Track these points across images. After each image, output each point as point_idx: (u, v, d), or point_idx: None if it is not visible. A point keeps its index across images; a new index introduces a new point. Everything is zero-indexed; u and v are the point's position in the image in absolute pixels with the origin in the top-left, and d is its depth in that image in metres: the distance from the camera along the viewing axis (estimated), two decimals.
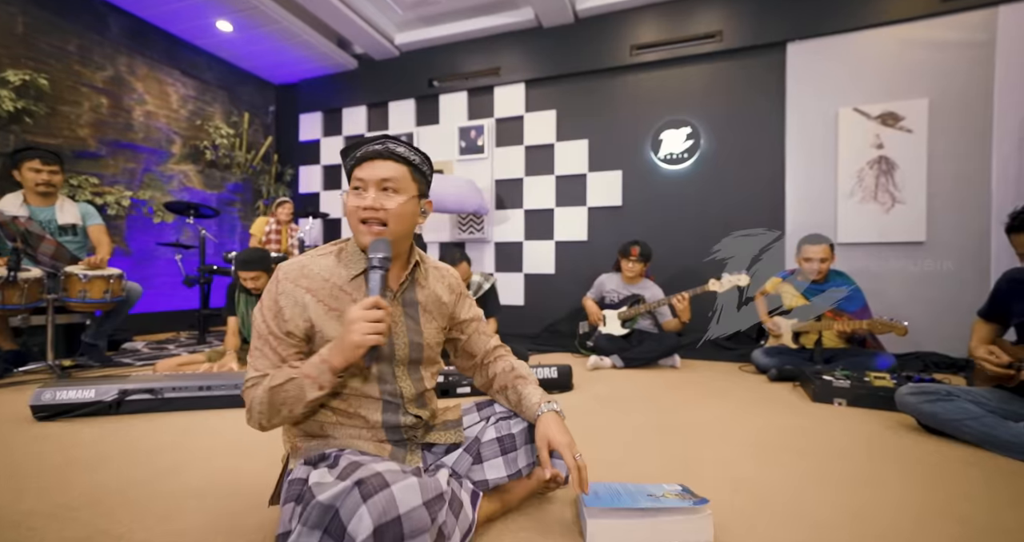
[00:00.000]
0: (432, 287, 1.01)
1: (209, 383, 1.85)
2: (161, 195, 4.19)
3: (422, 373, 0.98)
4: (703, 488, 1.08)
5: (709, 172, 3.67)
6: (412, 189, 0.92)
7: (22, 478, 1.22)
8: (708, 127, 3.68)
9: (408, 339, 0.95)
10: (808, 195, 3.40)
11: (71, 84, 3.49)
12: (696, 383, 2.40)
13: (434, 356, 1.01)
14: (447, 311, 1.03)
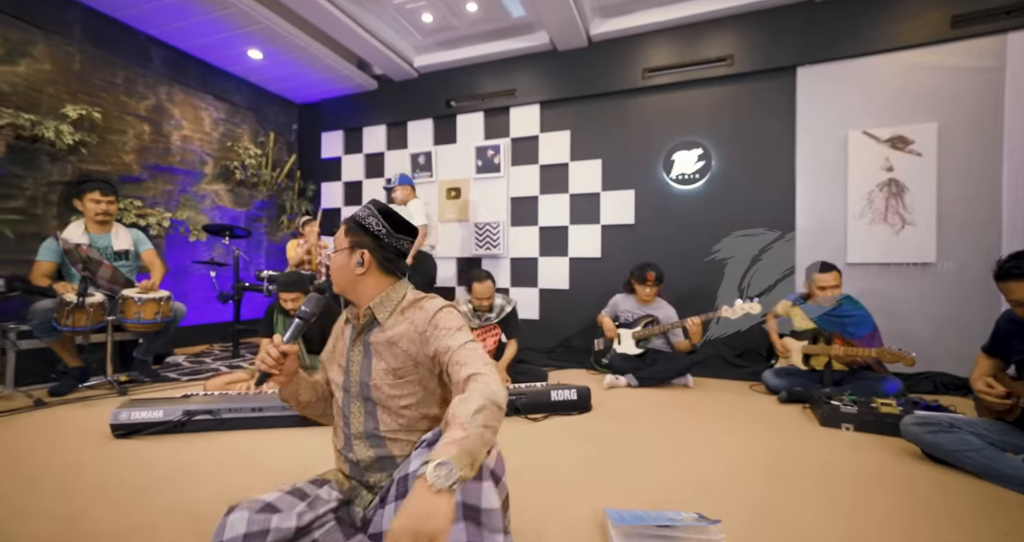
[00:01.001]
0: (390, 329, 1.02)
1: (261, 405, 2.03)
2: (196, 214, 4.43)
3: (379, 413, 1.01)
4: (716, 512, 1.22)
5: (720, 192, 3.78)
6: (343, 243, 1.05)
7: (109, 493, 1.41)
8: (719, 148, 3.79)
9: (359, 378, 1.04)
10: (818, 216, 3.49)
11: (118, 114, 3.73)
12: (708, 403, 2.52)
13: (386, 397, 1.00)
14: (399, 350, 1.00)
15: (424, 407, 1.02)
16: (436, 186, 4.74)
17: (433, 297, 1.07)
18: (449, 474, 0.65)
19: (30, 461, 1.67)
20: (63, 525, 1.24)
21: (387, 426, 1.01)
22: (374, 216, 1.05)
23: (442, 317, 1.00)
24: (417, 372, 1.01)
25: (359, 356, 1.05)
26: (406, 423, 1.01)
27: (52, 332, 2.52)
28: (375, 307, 1.04)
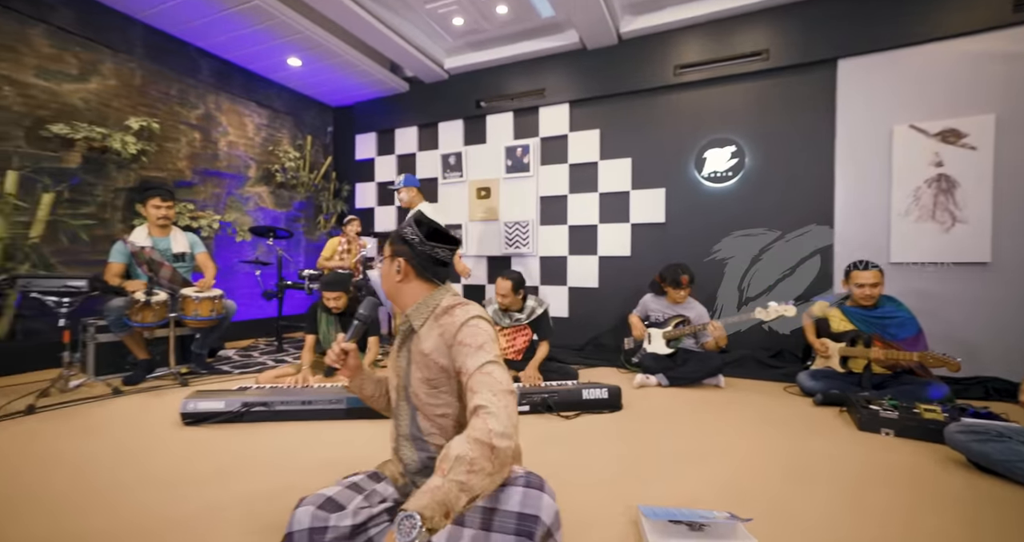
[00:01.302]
0: (423, 338, 1.06)
1: (310, 398, 2.18)
2: (241, 216, 4.68)
3: (419, 420, 1.06)
4: (748, 513, 1.25)
5: (754, 190, 3.71)
6: (387, 252, 1.14)
7: (181, 476, 1.56)
8: (753, 145, 3.71)
9: (400, 381, 1.12)
10: (859, 214, 3.38)
11: (173, 123, 3.99)
12: (741, 404, 2.52)
13: (423, 404, 1.04)
14: (432, 361, 1.03)
15: (460, 417, 1.03)
16: (466, 186, 4.83)
17: (466, 304, 1.06)
18: (412, 528, 0.67)
19: (113, 443, 1.87)
20: (143, 504, 1.40)
21: (427, 430, 1.05)
22: (410, 225, 1.12)
23: (466, 332, 0.98)
24: (450, 384, 1.01)
25: (403, 361, 1.11)
26: (445, 431, 1.04)
27: (124, 327, 2.76)
28: (411, 314, 1.09)
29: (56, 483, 1.53)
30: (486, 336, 0.98)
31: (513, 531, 0.83)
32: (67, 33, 3.30)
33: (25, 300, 2.97)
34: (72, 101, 3.33)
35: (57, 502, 1.41)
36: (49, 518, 1.31)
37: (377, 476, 1.10)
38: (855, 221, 3.39)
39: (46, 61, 3.21)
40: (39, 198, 3.11)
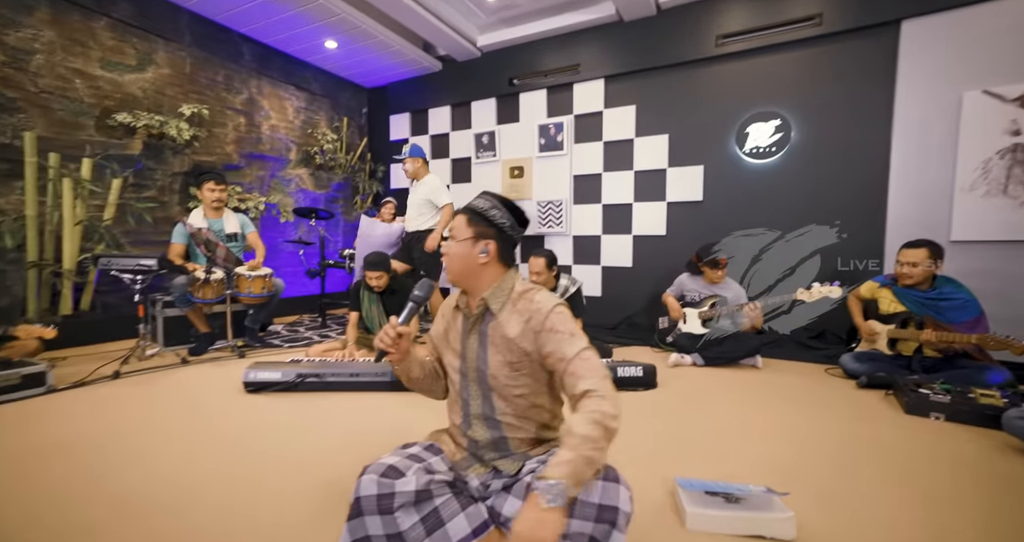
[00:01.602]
0: (504, 321, 1.07)
1: (357, 371, 2.32)
2: (284, 197, 4.89)
3: (494, 398, 1.08)
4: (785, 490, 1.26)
5: (799, 166, 3.54)
6: (466, 233, 1.08)
7: (245, 438, 1.72)
8: (800, 118, 3.53)
9: (476, 364, 1.09)
10: (917, 190, 3.18)
11: (220, 109, 4.17)
12: (779, 385, 2.49)
13: (502, 387, 1.06)
14: (515, 346, 1.05)
15: (534, 397, 1.08)
16: (499, 165, 4.84)
17: (539, 289, 1.10)
18: (558, 495, 0.80)
19: (189, 406, 2.07)
20: (220, 458, 1.56)
21: (502, 411, 1.08)
22: (497, 208, 1.08)
23: (555, 320, 1.01)
24: (531, 366, 1.06)
25: (475, 345, 1.09)
26: (519, 410, 1.08)
27: (188, 303, 2.99)
28: (489, 298, 1.08)
29: (146, 438, 1.73)
30: (574, 323, 1.04)
31: (593, 518, 0.87)
32: (126, 25, 3.48)
33: (103, 277, 3.26)
34: (132, 90, 3.53)
35: (150, 455, 1.59)
36: (144, 468, 1.49)
37: (434, 448, 1.13)
38: (912, 198, 3.20)
39: (109, 53, 3.41)
40: (109, 183, 3.36)
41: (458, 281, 1.10)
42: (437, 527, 0.93)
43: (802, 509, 1.23)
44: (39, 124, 3.12)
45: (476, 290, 1.10)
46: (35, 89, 3.12)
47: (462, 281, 1.10)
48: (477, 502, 1.00)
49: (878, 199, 3.30)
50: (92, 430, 1.79)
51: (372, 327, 3.07)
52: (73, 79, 3.25)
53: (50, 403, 2.09)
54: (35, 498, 1.30)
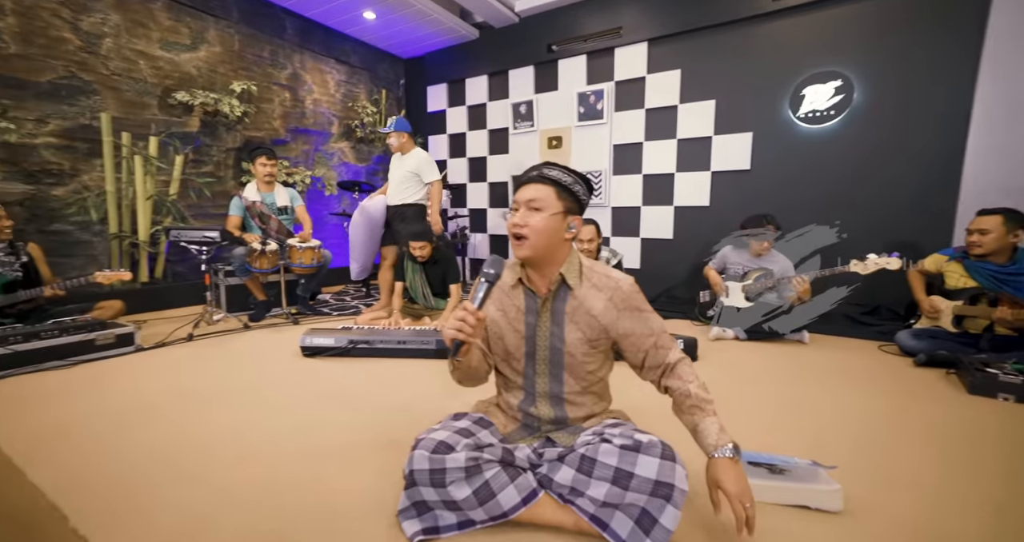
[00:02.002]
0: (584, 298, 1.08)
1: (405, 338, 2.45)
2: (327, 171, 5.04)
3: (564, 376, 1.10)
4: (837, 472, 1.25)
5: (861, 130, 3.30)
6: (556, 207, 1.03)
7: (303, 397, 1.89)
8: (864, 78, 3.26)
9: (549, 343, 1.09)
10: (1001, 151, 2.90)
11: (267, 85, 4.29)
12: (827, 360, 2.44)
13: (578, 364, 1.09)
14: (598, 323, 1.07)
15: (601, 372, 1.14)
16: (537, 135, 4.77)
17: (604, 265, 1.13)
18: (738, 452, 0.99)
19: (256, 367, 2.27)
20: (285, 414, 1.73)
21: (571, 388, 1.11)
22: (579, 184, 1.06)
23: (639, 298, 1.09)
24: (607, 342, 1.09)
25: (547, 323, 1.09)
26: (587, 385, 1.12)
27: (247, 272, 3.21)
28: (566, 273, 1.07)
29: (222, 395, 1.92)
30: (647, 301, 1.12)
31: (648, 492, 0.93)
32: (180, 4, 3.60)
33: (172, 247, 3.53)
34: (188, 69, 3.69)
35: (227, 409, 1.78)
36: (224, 423, 1.68)
37: (484, 421, 1.15)
38: (993, 160, 2.93)
39: (167, 34, 3.56)
40: (173, 159, 3.59)
41: (536, 256, 1.05)
42: (489, 498, 0.98)
43: (849, 483, 1.20)
44: (111, 105, 3.34)
45: (550, 266, 1.08)
46: (107, 71, 3.32)
47: (540, 256, 1.05)
48: (525, 472, 1.04)
49: (951, 163, 3.04)
50: (178, 385, 2.01)
51: (415, 297, 3.20)
52: (137, 60, 3.43)
53: (139, 361, 2.34)
54: (136, 449, 1.50)
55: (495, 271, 0.99)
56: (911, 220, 3.18)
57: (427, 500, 1.00)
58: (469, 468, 0.98)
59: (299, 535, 1.03)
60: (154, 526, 1.06)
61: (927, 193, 3.13)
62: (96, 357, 2.33)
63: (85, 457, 1.37)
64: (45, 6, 3.06)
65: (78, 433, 1.53)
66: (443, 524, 1.02)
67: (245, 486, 1.22)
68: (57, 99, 3.12)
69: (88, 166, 3.29)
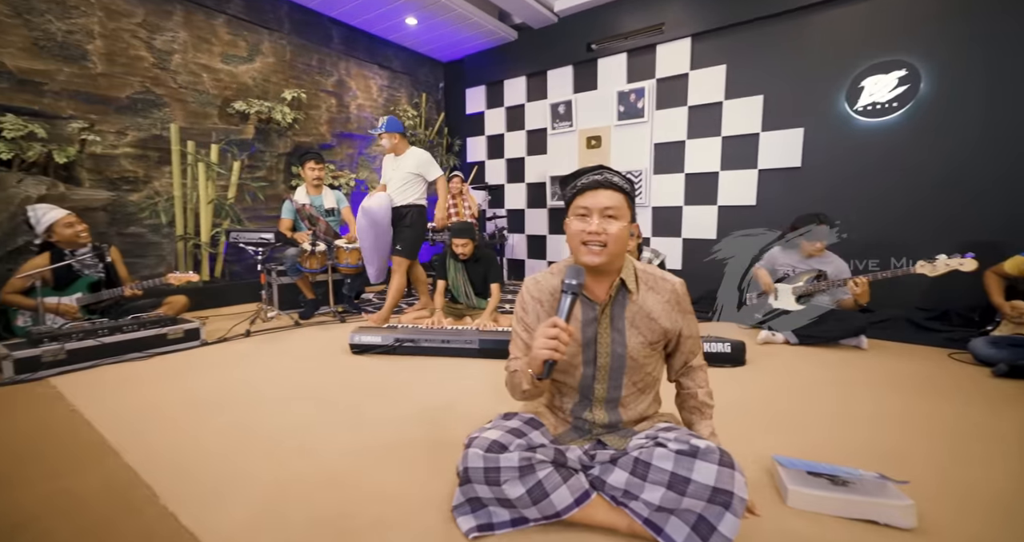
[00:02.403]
0: (643, 302, 1.09)
1: (448, 338, 2.51)
2: (370, 173, 5.21)
3: (623, 380, 1.11)
4: (899, 478, 1.17)
5: (927, 122, 3.09)
6: (627, 215, 1.05)
7: (352, 393, 1.96)
8: (933, 66, 3.04)
9: (611, 349, 1.08)
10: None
11: (314, 92, 4.50)
12: (890, 368, 2.30)
13: (639, 366, 1.10)
14: (658, 326, 1.09)
15: (657, 372, 1.16)
16: (576, 135, 4.75)
17: (658, 268, 1.15)
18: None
19: (309, 362, 2.39)
20: (341, 407, 1.81)
21: (628, 391, 1.12)
22: (634, 191, 1.09)
23: (688, 300, 1.13)
24: (664, 343, 1.12)
25: (607, 329, 1.09)
26: (643, 387, 1.14)
27: (298, 272, 3.37)
28: (626, 278, 1.07)
29: (280, 389, 2.04)
30: None
31: (706, 499, 0.93)
32: (239, 20, 3.84)
33: (229, 248, 3.76)
34: (245, 80, 3.93)
35: (285, 403, 1.88)
36: (284, 414, 1.78)
37: (535, 422, 1.15)
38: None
39: (227, 47, 3.80)
40: (231, 165, 3.82)
41: (609, 263, 1.05)
42: (542, 498, 0.99)
43: (923, 500, 1.13)
44: (179, 116, 3.61)
45: (612, 272, 1.08)
46: (175, 85, 3.59)
47: (611, 263, 1.06)
48: (578, 473, 1.05)
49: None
50: (240, 379, 2.15)
51: (457, 295, 3.26)
52: (201, 74, 3.68)
53: (204, 354, 2.52)
54: (209, 437, 1.61)
55: (578, 282, 0.98)
56: (987, 218, 2.95)
57: (481, 497, 1.03)
58: (522, 468, 0.99)
59: (359, 527, 1.08)
60: (231, 509, 1.14)
61: (1006, 189, 2.89)
62: (168, 350, 2.52)
63: (166, 441, 1.49)
64: (126, 28, 3.34)
65: (158, 419, 1.67)
66: (497, 521, 1.05)
67: (307, 478, 1.29)
68: (134, 112, 3.40)
69: (159, 173, 3.56)
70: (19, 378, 2.05)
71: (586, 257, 1.03)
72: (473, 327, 2.77)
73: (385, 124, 3.18)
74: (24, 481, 1.26)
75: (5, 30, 2.86)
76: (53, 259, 2.52)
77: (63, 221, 2.54)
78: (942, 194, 3.07)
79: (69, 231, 2.54)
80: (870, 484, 1.15)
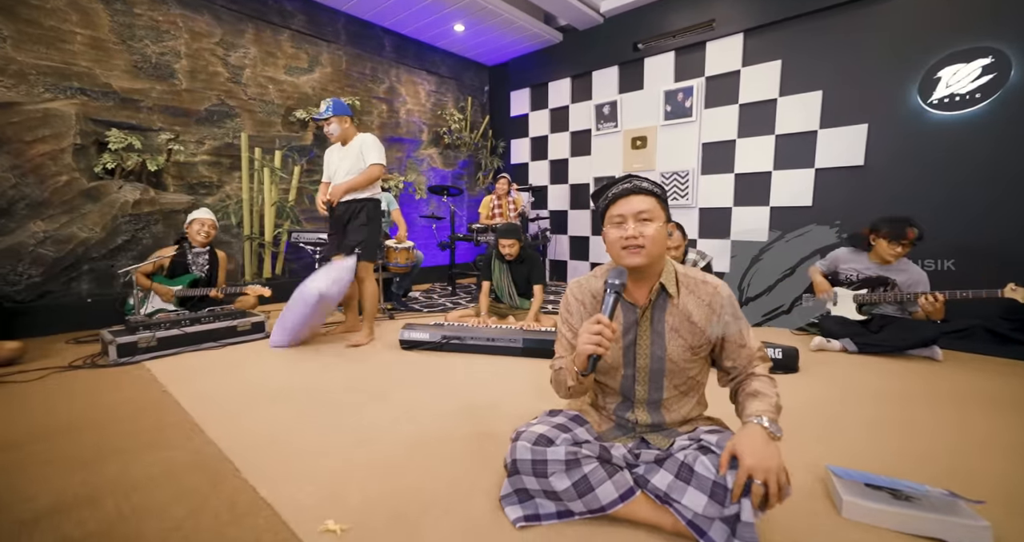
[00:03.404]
0: (683, 306, 1.09)
1: (493, 336, 2.58)
2: (417, 176, 5.40)
3: (664, 383, 1.12)
4: (967, 495, 1.10)
5: (1018, 115, 2.82)
6: (662, 216, 1.06)
7: (403, 386, 2.06)
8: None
9: (650, 351, 1.10)
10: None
11: (367, 99, 4.73)
12: (964, 380, 2.14)
13: (680, 370, 1.11)
14: (698, 330, 1.08)
15: (701, 376, 1.16)
16: (621, 136, 4.70)
17: (702, 272, 1.15)
18: (778, 429, 0.96)
19: (363, 356, 2.53)
20: (396, 402, 1.92)
21: (670, 394, 1.13)
22: (665, 193, 1.11)
23: (734, 304, 1.10)
24: (708, 347, 1.11)
25: (647, 332, 1.10)
26: (686, 390, 1.14)
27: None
28: (666, 282, 1.08)
29: (341, 381, 2.18)
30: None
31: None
32: (301, 34, 4.13)
33: (290, 247, 4.03)
34: (305, 90, 4.20)
35: (338, 392, 2.02)
36: (334, 402, 1.91)
37: (580, 419, 1.19)
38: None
39: (290, 60, 4.09)
40: (292, 170, 4.10)
41: (648, 265, 1.06)
42: (587, 492, 1.02)
43: (1000, 522, 1.07)
44: (248, 125, 3.92)
45: (652, 275, 1.09)
46: (245, 97, 3.90)
47: (650, 266, 1.07)
48: (622, 470, 1.07)
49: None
50: (299, 370, 2.32)
51: (501, 296, 3.33)
52: (268, 86, 3.98)
53: (268, 347, 2.72)
54: (276, 420, 1.76)
55: (620, 281, 1.02)
56: None
57: (528, 488, 1.07)
58: (569, 461, 1.03)
59: (412, 510, 1.15)
60: (302, 486, 1.25)
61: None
62: (237, 341, 2.75)
63: (242, 423, 1.65)
64: (206, 47, 3.68)
65: (233, 402, 1.84)
66: (543, 512, 1.09)
67: (364, 466, 1.38)
68: (211, 123, 3.73)
69: (230, 178, 3.88)
70: (121, 361, 2.32)
71: (627, 259, 1.05)
72: (517, 327, 2.82)
73: (332, 107, 2.71)
74: (131, 452, 1.44)
75: (113, 56, 3.24)
76: (178, 252, 3.00)
77: (198, 221, 3.03)
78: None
79: (196, 228, 3.01)
80: (938, 501, 1.09)
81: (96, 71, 3.16)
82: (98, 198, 3.11)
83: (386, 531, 1.08)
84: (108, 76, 3.21)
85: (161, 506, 1.16)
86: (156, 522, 1.10)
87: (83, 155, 3.08)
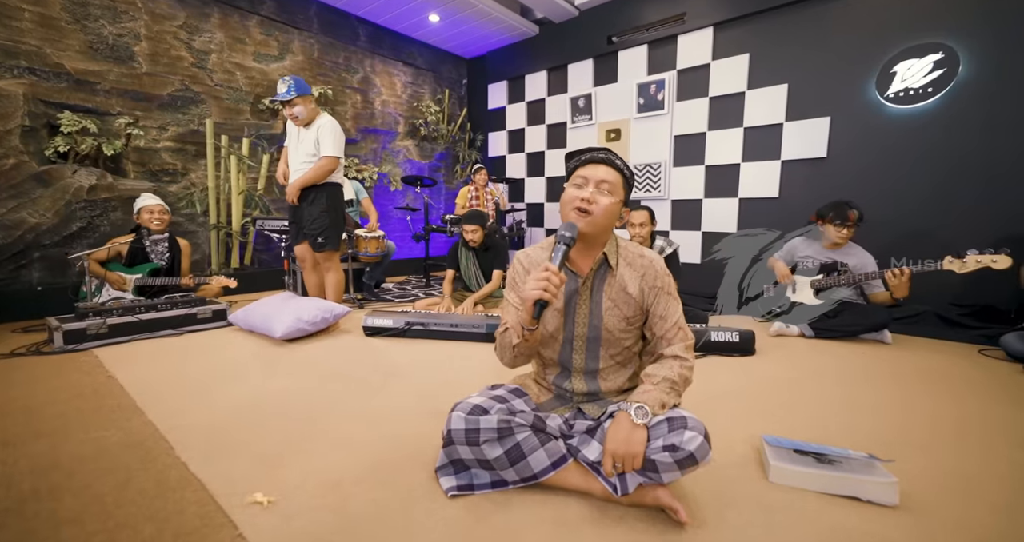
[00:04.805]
0: (621, 277, 1.12)
1: (456, 322, 2.57)
2: (393, 168, 5.36)
3: (600, 352, 1.15)
4: (895, 466, 1.14)
5: (966, 108, 2.92)
6: (620, 194, 1.10)
7: (366, 370, 2.05)
8: (973, 48, 2.87)
9: (588, 320, 1.13)
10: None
11: (341, 89, 4.67)
12: (910, 361, 2.21)
13: (615, 340, 1.13)
14: (633, 301, 1.11)
15: (636, 346, 1.18)
16: (595, 128, 4.73)
17: (642, 247, 1.17)
18: (644, 414, 0.99)
19: (327, 343, 2.50)
20: (352, 383, 1.90)
21: (606, 363, 1.16)
22: (632, 179, 1.14)
23: (668, 281, 1.13)
24: (641, 319, 1.14)
25: (587, 301, 1.13)
26: (622, 360, 1.17)
27: None
28: (609, 254, 1.12)
29: (299, 364, 2.15)
30: (674, 284, 1.15)
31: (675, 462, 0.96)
32: (271, 20, 4.05)
33: (258, 237, 3.96)
34: (275, 78, 4.13)
35: (296, 375, 1.99)
36: (289, 383, 1.88)
37: (519, 391, 1.21)
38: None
39: (259, 47, 4.01)
40: (260, 158, 4.03)
41: (592, 234, 1.09)
42: (519, 459, 1.05)
43: (909, 481, 1.13)
44: (214, 112, 3.83)
45: (596, 246, 1.12)
46: (211, 83, 3.81)
47: (595, 236, 1.09)
48: (556, 439, 1.09)
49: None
50: (259, 354, 2.28)
51: (469, 284, 3.32)
52: (235, 72, 3.90)
53: (230, 333, 2.67)
54: (226, 402, 1.72)
55: (571, 234, 1.03)
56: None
57: (463, 458, 1.08)
58: (501, 429, 1.04)
59: (345, 481, 1.15)
60: (236, 462, 1.24)
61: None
62: (197, 328, 2.69)
63: (186, 405, 1.62)
64: (168, 30, 3.58)
65: (181, 387, 1.80)
66: (477, 482, 1.10)
67: (311, 439, 1.37)
68: (174, 109, 3.64)
69: (195, 166, 3.79)
70: (67, 348, 2.25)
71: (573, 220, 1.07)
72: (481, 313, 2.82)
73: (294, 86, 2.55)
74: (61, 433, 1.40)
75: (66, 35, 3.12)
76: (134, 241, 2.90)
77: (146, 208, 2.94)
78: (978, 184, 2.90)
79: (146, 217, 2.93)
80: (857, 463, 1.13)
81: (47, 50, 3.05)
82: (50, 183, 3.01)
83: (315, 502, 1.07)
84: (60, 56, 3.10)
85: (84, 484, 1.13)
86: (74, 499, 1.07)
87: (33, 137, 2.98)
